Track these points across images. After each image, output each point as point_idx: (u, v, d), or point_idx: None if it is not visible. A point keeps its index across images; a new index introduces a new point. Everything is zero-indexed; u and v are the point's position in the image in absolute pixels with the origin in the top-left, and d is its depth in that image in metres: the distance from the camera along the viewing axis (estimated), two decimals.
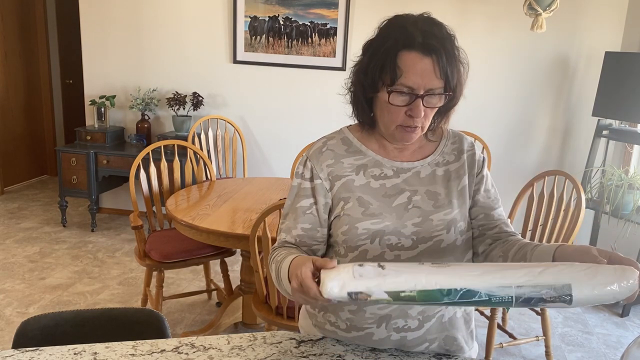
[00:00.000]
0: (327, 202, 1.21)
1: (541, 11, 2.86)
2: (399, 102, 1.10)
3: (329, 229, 1.23)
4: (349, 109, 1.28)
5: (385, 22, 1.15)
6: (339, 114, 4.10)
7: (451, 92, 1.11)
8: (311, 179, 1.22)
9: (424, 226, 1.17)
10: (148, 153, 2.92)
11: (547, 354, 2.65)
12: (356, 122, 1.29)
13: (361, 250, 1.17)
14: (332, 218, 1.22)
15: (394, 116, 1.13)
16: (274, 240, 2.03)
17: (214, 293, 3.24)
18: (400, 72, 1.07)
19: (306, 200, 1.22)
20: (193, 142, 3.81)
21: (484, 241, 1.22)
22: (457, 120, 1.30)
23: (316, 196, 1.21)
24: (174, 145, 3.10)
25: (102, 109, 4.25)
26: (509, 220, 1.27)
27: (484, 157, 1.28)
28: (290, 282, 1.02)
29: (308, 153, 1.26)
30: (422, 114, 1.10)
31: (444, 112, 1.19)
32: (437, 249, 1.17)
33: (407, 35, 1.08)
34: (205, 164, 3.19)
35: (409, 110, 1.11)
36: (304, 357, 1.14)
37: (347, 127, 1.30)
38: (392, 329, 1.17)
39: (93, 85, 4.41)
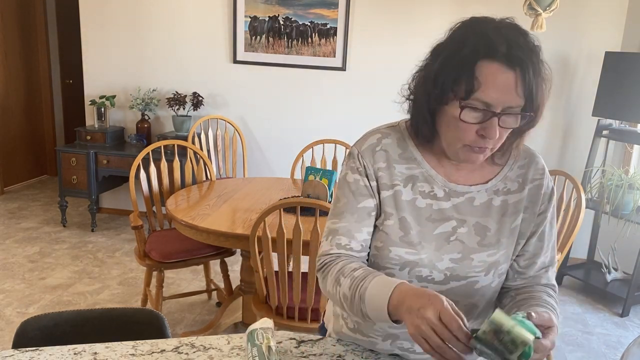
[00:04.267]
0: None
1: (541, 11, 2.86)
2: (471, 119, 0.96)
3: None
4: (348, 109, 1.23)
5: (460, 24, 1.01)
6: (339, 113, 4.11)
7: (532, 114, 0.97)
8: (367, 177, 1.09)
9: (461, 264, 1.07)
10: (148, 153, 2.92)
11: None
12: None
13: (387, 273, 1.08)
14: None
15: (463, 134, 0.99)
16: (274, 240, 2.03)
17: (214, 293, 3.24)
18: (478, 84, 0.93)
19: (370, 201, 1.09)
20: (193, 142, 3.81)
21: (508, 292, 1.14)
22: None
23: (374, 197, 1.10)
24: (174, 145, 3.10)
25: (102, 109, 4.25)
26: (553, 266, 1.15)
27: (552, 188, 1.12)
28: (391, 313, 0.93)
29: (360, 148, 1.11)
30: (497, 135, 0.96)
31: (518, 133, 1.04)
32: (469, 289, 1.09)
33: (489, 43, 0.94)
34: (205, 164, 3.19)
35: (482, 129, 0.97)
36: (304, 357, 1.14)
37: (406, 122, 1.13)
38: (397, 347, 1.15)
39: (93, 85, 4.41)
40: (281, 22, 4.04)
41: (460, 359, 0.85)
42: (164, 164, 2.90)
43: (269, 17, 4.05)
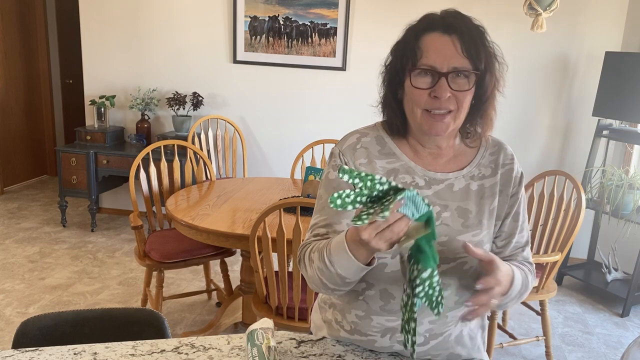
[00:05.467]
0: None
1: (541, 11, 2.86)
2: (422, 84, 1.06)
3: None
4: (348, 109, 1.24)
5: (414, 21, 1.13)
6: (339, 113, 4.11)
7: (478, 72, 1.05)
8: None
9: (449, 246, 1.12)
10: (148, 153, 2.92)
11: (547, 354, 2.65)
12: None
13: (380, 263, 1.10)
14: None
15: (418, 99, 1.07)
16: (274, 240, 2.03)
17: (214, 293, 3.24)
18: (421, 52, 1.05)
19: None
20: (193, 142, 3.81)
21: None
22: None
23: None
24: (173, 145, 3.10)
25: (102, 109, 4.25)
26: (528, 245, 1.22)
27: (522, 173, 1.21)
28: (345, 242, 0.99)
29: (341, 147, 1.19)
30: (447, 94, 1.04)
31: (479, 104, 1.11)
32: (459, 270, 1.13)
33: (428, 19, 1.08)
34: (205, 164, 3.19)
35: (433, 91, 1.05)
36: (304, 357, 1.14)
37: (382, 123, 1.22)
38: (396, 341, 1.16)
39: (93, 85, 4.41)
40: (281, 22, 4.04)
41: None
42: (163, 164, 2.90)
43: (269, 17, 4.05)
